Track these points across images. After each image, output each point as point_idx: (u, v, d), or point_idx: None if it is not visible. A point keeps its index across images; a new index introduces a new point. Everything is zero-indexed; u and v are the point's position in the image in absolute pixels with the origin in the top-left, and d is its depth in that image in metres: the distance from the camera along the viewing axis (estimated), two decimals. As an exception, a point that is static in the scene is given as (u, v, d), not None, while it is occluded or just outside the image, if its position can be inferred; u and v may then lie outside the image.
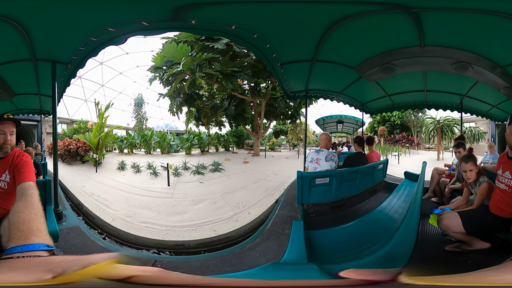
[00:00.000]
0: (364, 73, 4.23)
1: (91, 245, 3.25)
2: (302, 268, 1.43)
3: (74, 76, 4.42)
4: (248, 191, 8.45)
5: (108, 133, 14.71)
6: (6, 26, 2.87)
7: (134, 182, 9.02)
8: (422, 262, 2.26)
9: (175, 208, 6.51)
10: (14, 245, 0.77)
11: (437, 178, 5.01)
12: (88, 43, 3.37)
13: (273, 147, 26.42)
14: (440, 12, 2.78)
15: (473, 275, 0.62)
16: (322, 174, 4.44)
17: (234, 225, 5.46)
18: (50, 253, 0.74)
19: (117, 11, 2.80)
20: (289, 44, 3.76)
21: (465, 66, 3.59)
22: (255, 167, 13.39)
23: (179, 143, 18.59)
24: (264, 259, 2.78)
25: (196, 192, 7.93)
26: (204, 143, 19.11)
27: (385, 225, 2.86)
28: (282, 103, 17.33)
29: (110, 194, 7.43)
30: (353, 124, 18.31)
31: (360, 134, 24.21)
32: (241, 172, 11.58)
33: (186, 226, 5.49)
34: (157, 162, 11.10)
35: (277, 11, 2.92)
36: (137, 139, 18.37)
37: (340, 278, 0.65)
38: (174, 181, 9.14)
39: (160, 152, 17.96)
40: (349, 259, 2.08)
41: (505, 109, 5.85)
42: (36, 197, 1.26)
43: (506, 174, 2.54)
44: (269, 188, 8.73)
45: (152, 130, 21.05)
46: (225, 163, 13.25)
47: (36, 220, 0.95)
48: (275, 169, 12.81)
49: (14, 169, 2.06)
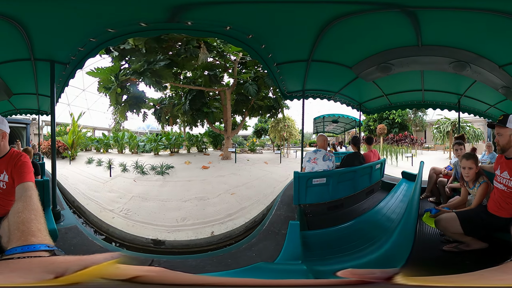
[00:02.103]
0: (361, 73, 4.22)
1: (89, 244, 3.27)
2: (290, 269, 1.42)
3: (73, 76, 4.41)
4: (161, 210, 6.46)
5: (80, 136, 18.06)
6: (6, 25, 2.86)
7: (92, 171, 11.59)
8: (420, 262, 2.25)
9: (98, 188, 8.78)
10: (15, 246, 0.76)
11: (434, 178, 5.00)
12: (87, 44, 3.37)
13: (254, 148, 23.86)
14: (437, 11, 2.76)
15: (472, 276, 0.61)
16: (319, 174, 4.42)
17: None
18: (51, 253, 0.74)
19: (117, 12, 2.81)
20: (285, 44, 3.75)
21: (463, 65, 3.57)
22: (213, 175, 10.60)
23: (145, 144, 19.51)
24: (260, 260, 2.77)
25: (122, 186, 9.02)
26: (172, 143, 19.42)
27: (382, 225, 2.84)
28: (252, 88, 13.82)
29: (74, 177, 10.16)
30: (345, 124, 18.16)
31: (354, 134, 24.11)
32: (187, 181, 9.67)
33: (83, 195, 7.59)
34: (121, 160, 13.18)
35: (271, 11, 2.91)
36: (111, 140, 20.36)
37: (337, 277, 0.65)
38: (118, 175, 10.81)
39: (130, 152, 19.54)
40: (346, 260, 2.05)
41: (503, 108, 5.85)
42: (36, 198, 1.26)
43: (504, 174, 2.53)
44: (194, 217, 6.01)
45: (123, 131, 22.69)
46: (181, 166, 13.02)
47: (36, 220, 0.95)
48: (238, 182, 9.40)
49: (12, 169, 2.05)
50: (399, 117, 28.09)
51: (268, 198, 7.18)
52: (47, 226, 0.95)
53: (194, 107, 15.26)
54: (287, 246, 1.87)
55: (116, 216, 6.10)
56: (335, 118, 16.52)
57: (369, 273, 0.64)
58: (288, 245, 1.87)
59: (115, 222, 5.70)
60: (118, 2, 2.67)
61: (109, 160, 12.21)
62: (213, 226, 5.59)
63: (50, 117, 4.53)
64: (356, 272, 0.65)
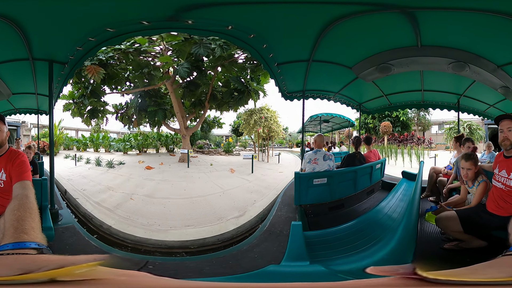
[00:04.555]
0: (361, 73, 4.23)
1: (85, 244, 3.25)
2: (307, 270, 1.40)
3: (71, 75, 4.41)
4: (81, 185, 8.09)
5: (60, 137, 22.76)
6: (4, 25, 2.85)
7: (65, 163, 14.16)
8: (422, 260, 2.26)
9: (63, 171, 10.73)
10: (7, 242, 0.78)
11: (434, 177, 5.03)
12: (86, 43, 3.36)
13: (229, 149, 21.80)
14: (436, 11, 2.78)
15: (467, 269, 0.63)
16: (320, 174, 4.43)
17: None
18: (39, 251, 0.75)
19: (116, 11, 2.79)
20: (286, 44, 3.75)
21: (462, 65, 3.59)
22: (149, 177, 9.80)
23: (115, 144, 22.29)
24: (262, 261, 2.75)
25: (78, 172, 11.43)
26: (140, 144, 21.43)
27: (384, 225, 2.86)
28: (182, 69, 11.48)
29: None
30: (335, 124, 17.44)
31: (347, 133, 23.29)
32: (119, 175, 10.44)
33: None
34: (91, 156, 16.03)
35: (273, 12, 2.92)
36: (88, 140, 23.94)
37: (367, 275, 0.63)
38: (81, 166, 13.56)
39: (104, 150, 22.48)
40: (355, 260, 2.06)
41: (502, 108, 5.87)
42: (32, 196, 1.27)
43: (503, 173, 2.55)
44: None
45: (98, 133, 25.16)
46: (132, 163, 14.22)
47: (30, 219, 0.97)
48: (159, 192, 7.58)
49: (10, 167, 2.06)
50: (404, 115, 26.67)
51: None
52: (42, 225, 0.98)
53: (141, 108, 15.56)
54: (291, 247, 1.87)
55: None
56: (327, 118, 15.71)
57: (393, 269, 0.63)
58: (292, 246, 1.87)
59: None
60: (119, 1, 2.66)
61: (75, 155, 15.60)
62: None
63: (48, 116, 4.54)
64: (381, 270, 0.64)
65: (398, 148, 20.32)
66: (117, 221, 5.10)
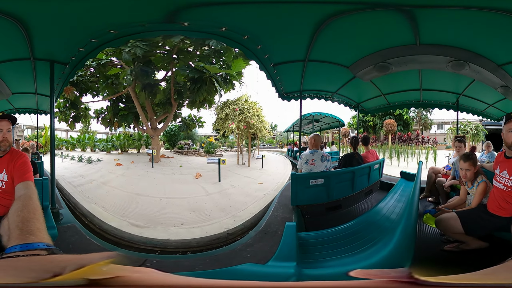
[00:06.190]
0: (358, 72, 4.18)
1: (87, 243, 3.31)
2: (277, 272, 1.38)
3: (72, 76, 4.40)
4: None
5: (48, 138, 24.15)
6: (7, 23, 2.82)
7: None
8: (421, 262, 2.21)
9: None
10: (14, 244, 0.78)
11: (433, 177, 4.98)
12: (87, 44, 3.36)
13: (210, 149, 20.76)
14: (435, 9, 2.73)
15: (475, 275, 0.59)
16: (317, 175, 4.38)
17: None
18: (49, 252, 0.74)
19: (120, 13, 2.79)
20: (281, 44, 3.72)
21: (462, 64, 3.54)
22: (114, 173, 11.14)
23: (99, 144, 24.32)
24: (254, 260, 2.74)
25: (62, 165, 13.36)
26: (122, 144, 23.22)
27: (382, 226, 2.80)
28: (127, 55, 11.06)
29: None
30: (324, 124, 17.34)
31: (342, 132, 22.94)
32: (90, 168, 12.82)
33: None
34: (75, 154, 18.33)
35: (266, 11, 2.89)
36: (75, 140, 26.50)
37: (353, 278, 0.61)
38: (66, 161, 15.72)
39: (90, 150, 24.78)
40: (349, 262, 2.01)
41: (501, 107, 5.84)
42: (35, 197, 1.28)
43: (504, 174, 2.51)
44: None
45: (84, 134, 26.97)
46: (108, 161, 15.60)
47: (36, 219, 0.97)
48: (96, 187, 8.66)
49: (12, 168, 2.06)
50: (407, 113, 25.90)
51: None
52: (46, 225, 0.97)
53: (116, 112, 17.45)
54: (282, 247, 1.83)
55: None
56: (318, 117, 15.56)
57: (383, 273, 0.61)
58: (283, 246, 1.83)
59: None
60: (122, 2, 2.65)
61: (61, 153, 18.41)
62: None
63: (49, 116, 4.59)
64: (369, 273, 0.62)
65: (401, 148, 19.78)
66: (76, 193, 7.37)
